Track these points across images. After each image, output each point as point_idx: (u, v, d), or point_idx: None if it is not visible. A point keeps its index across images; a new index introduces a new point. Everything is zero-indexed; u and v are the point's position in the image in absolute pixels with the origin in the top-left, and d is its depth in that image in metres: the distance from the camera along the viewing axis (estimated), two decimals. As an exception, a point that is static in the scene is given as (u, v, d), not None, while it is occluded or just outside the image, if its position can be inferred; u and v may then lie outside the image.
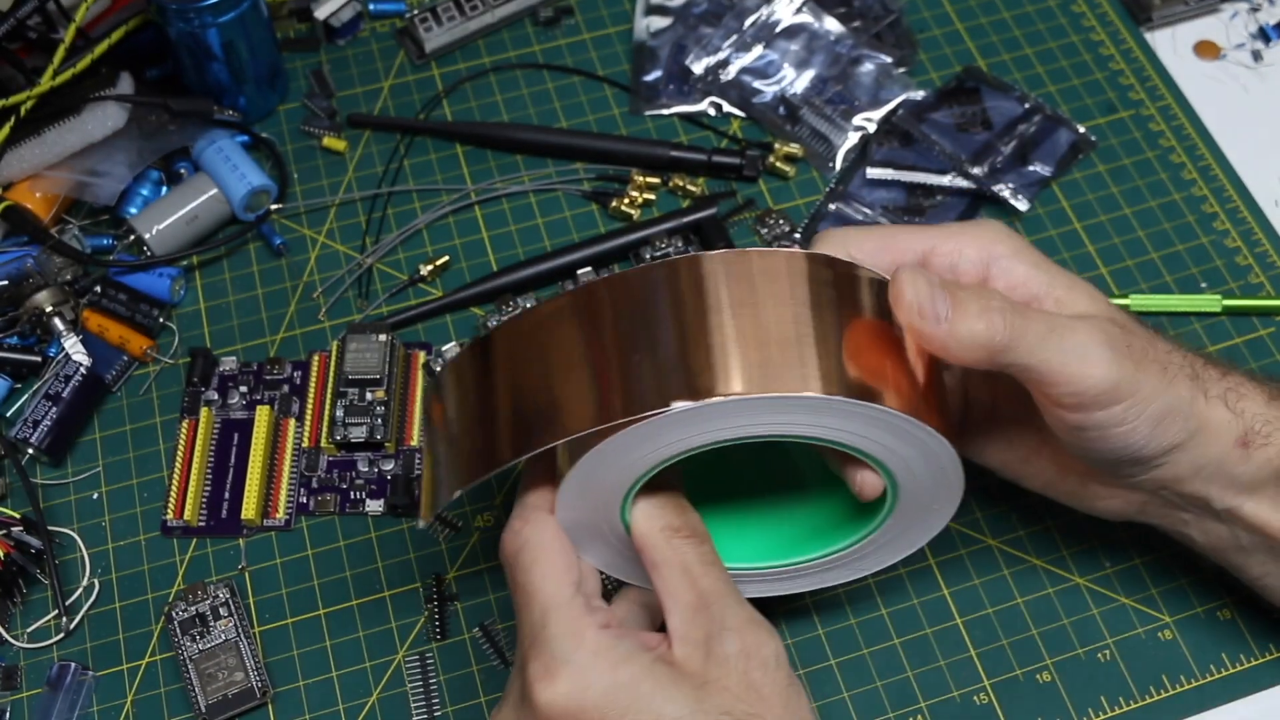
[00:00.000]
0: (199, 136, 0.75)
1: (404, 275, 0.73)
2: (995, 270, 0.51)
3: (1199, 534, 0.55)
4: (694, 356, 0.45)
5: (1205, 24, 0.83)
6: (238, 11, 0.72)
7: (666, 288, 0.46)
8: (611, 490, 0.49)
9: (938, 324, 0.46)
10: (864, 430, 0.47)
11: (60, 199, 0.73)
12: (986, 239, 0.52)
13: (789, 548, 0.56)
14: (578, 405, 0.46)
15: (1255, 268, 0.73)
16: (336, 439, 0.66)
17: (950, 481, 0.50)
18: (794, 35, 0.80)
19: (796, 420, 0.46)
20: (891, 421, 0.46)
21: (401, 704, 0.60)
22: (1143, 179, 0.76)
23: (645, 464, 0.48)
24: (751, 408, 0.45)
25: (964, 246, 0.51)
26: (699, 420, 0.45)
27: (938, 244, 0.51)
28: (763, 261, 0.47)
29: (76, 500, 0.66)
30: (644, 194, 0.75)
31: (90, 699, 0.61)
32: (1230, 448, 0.51)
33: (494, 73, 0.81)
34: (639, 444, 0.46)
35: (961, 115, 0.77)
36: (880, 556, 0.56)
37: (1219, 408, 0.51)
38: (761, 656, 0.47)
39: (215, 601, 0.62)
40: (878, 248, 0.50)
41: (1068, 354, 0.47)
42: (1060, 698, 0.60)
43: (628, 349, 0.46)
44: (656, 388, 0.45)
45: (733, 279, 0.46)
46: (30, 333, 0.70)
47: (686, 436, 0.46)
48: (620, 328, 0.46)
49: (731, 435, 0.46)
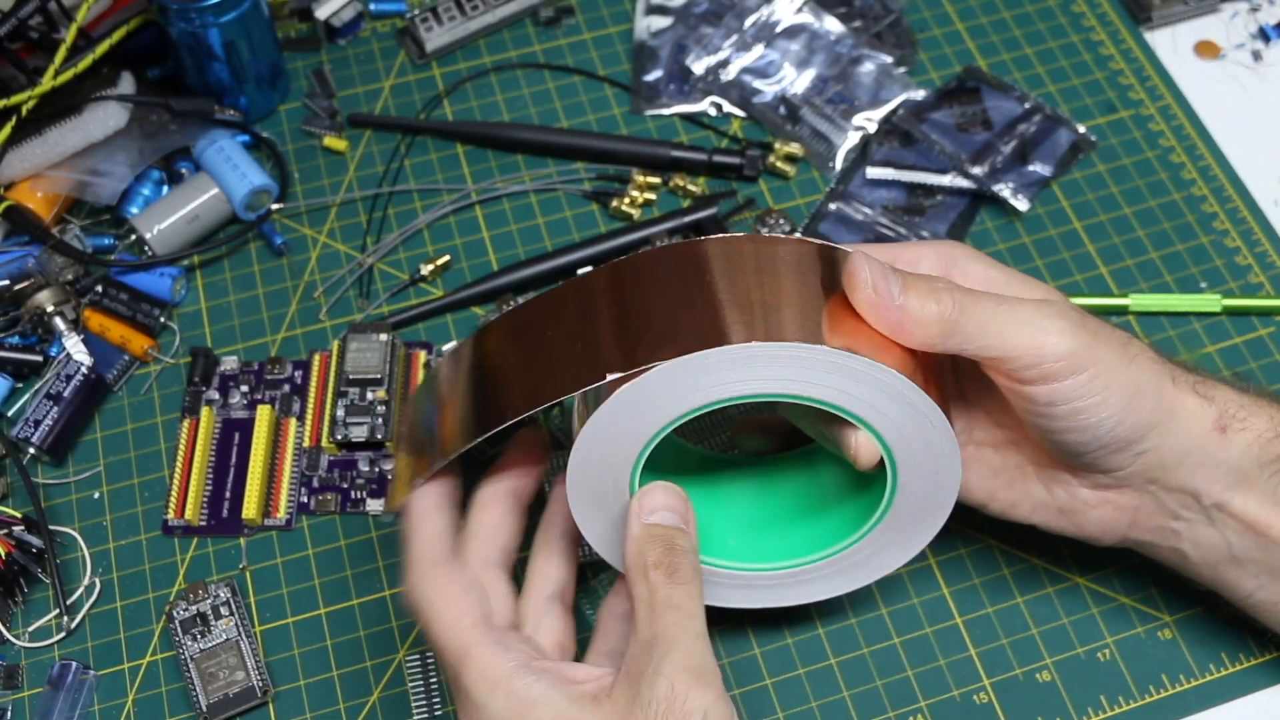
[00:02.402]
0: (200, 136, 0.75)
1: (405, 275, 0.73)
2: (953, 270, 0.53)
3: (1191, 546, 0.54)
4: (714, 312, 0.47)
5: (1205, 24, 0.83)
6: (239, 11, 0.72)
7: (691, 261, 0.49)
8: (624, 452, 0.50)
9: (890, 301, 0.48)
10: (867, 392, 0.48)
11: (61, 199, 0.74)
12: (944, 247, 0.54)
13: (798, 548, 0.56)
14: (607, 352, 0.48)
15: (1255, 267, 0.73)
16: (337, 438, 0.66)
17: (947, 469, 0.51)
18: (794, 35, 0.80)
19: (804, 376, 0.47)
20: (893, 383, 0.48)
21: (402, 703, 0.60)
22: (1143, 179, 0.76)
23: (662, 417, 0.48)
24: (765, 357, 0.46)
25: (922, 255, 0.54)
26: (714, 370, 0.47)
27: (898, 255, 0.54)
28: (781, 246, 0.50)
29: (78, 499, 0.66)
30: (645, 194, 0.75)
31: (91, 698, 0.61)
32: (1207, 432, 0.51)
33: (495, 72, 0.81)
34: (659, 390, 0.47)
35: (962, 115, 0.77)
36: (884, 558, 0.56)
37: (1189, 395, 0.52)
38: (687, 709, 0.46)
39: (216, 601, 0.62)
40: None
41: (1020, 325, 0.48)
42: (1060, 697, 0.60)
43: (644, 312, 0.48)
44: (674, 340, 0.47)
45: (747, 257, 0.49)
46: (31, 332, 0.70)
47: (702, 388, 0.47)
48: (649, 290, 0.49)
49: (743, 390, 0.47)
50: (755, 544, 0.56)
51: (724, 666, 0.61)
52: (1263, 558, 0.53)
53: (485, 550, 0.53)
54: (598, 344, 0.48)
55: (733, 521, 0.57)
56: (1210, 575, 0.56)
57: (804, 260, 0.49)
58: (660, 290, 0.49)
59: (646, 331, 0.48)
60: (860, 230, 0.74)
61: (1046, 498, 0.55)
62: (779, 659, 0.61)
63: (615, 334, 0.48)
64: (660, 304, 0.48)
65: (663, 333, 0.47)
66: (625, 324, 0.48)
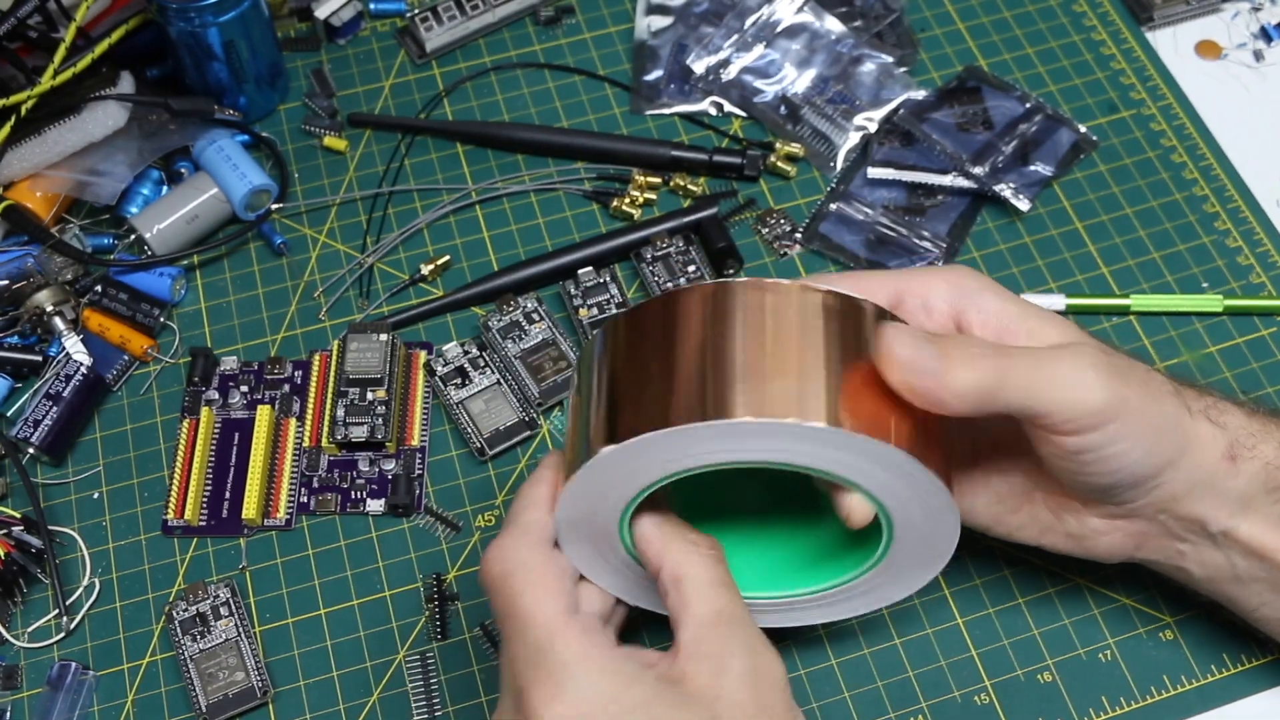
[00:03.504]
0: (199, 136, 0.75)
1: (405, 275, 0.73)
2: (966, 304, 0.51)
3: (1196, 566, 0.55)
4: (703, 382, 0.46)
5: (1206, 23, 0.83)
6: (238, 11, 0.72)
7: (684, 316, 0.48)
8: (613, 500, 0.49)
9: (930, 378, 0.46)
10: (862, 464, 0.47)
11: (61, 198, 0.73)
12: (954, 277, 0.52)
13: (785, 580, 0.55)
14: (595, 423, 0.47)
15: (1256, 267, 0.73)
16: (337, 438, 0.66)
17: (945, 528, 0.50)
18: (795, 35, 0.80)
19: (796, 449, 0.46)
20: (890, 457, 0.46)
21: (402, 704, 0.60)
22: (1144, 179, 0.76)
23: (650, 476, 0.48)
24: (756, 432, 0.45)
25: (933, 286, 0.52)
26: (704, 439, 0.45)
27: (908, 286, 0.52)
28: (776, 295, 0.48)
29: (77, 500, 0.66)
30: (645, 193, 0.75)
31: (91, 698, 0.61)
32: (1218, 461, 0.51)
33: (495, 72, 0.81)
34: (647, 454, 0.46)
35: (963, 115, 0.77)
36: (878, 595, 0.55)
37: (1203, 423, 0.51)
38: (772, 677, 0.47)
39: (216, 601, 0.62)
40: (850, 286, 0.50)
41: (1058, 383, 0.47)
42: (1061, 698, 0.60)
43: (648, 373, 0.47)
44: (664, 407, 0.45)
45: (748, 310, 0.47)
46: (31, 332, 0.70)
47: (691, 454, 0.46)
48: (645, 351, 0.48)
49: (734, 458, 0.46)
50: (746, 574, 0.55)
51: (724, 667, 0.61)
52: (1267, 578, 0.54)
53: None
54: (591, 414, 0.48)
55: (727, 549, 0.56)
56: (1214, 591, 0.56)
57: (808, 315, 0.47)
58: (648, 352, 0.47)
59: (631, 401, 0.47)
60: (861, 230, 0.74)
61: (1054, 523, 0.54)
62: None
63: (607, 403, 0.48)
64: (644, 370, 0.47)
65: (648, 403, 0.46)
66: (615, 390, 0.48)
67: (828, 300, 0.48)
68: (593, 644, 0.47)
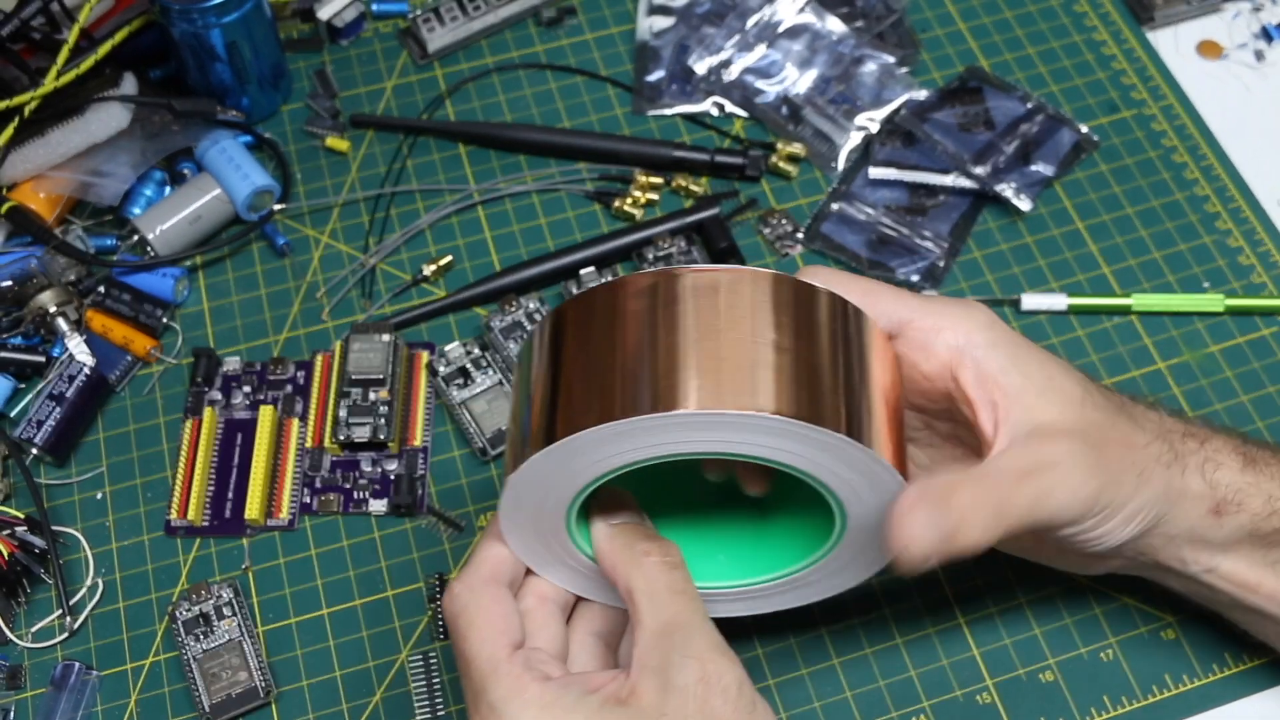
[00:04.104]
0: (202, 137, 0.75)
1: (407, 275, 0.73)
2: (967, 360, 0.50)
3: (1179, 586, 0.56)
4: (647, 373, 0.45)
5: (1207, 23, 0.83)
6: (241, 12, 0.72)
7: (627, 307, 0.47)
8: (554, 503, 0.49)
9: (944, 551, 0.47)
10: (811, 452, 0.46)
11: (64, 199, 0.74)
12: (967, 326, 0.51)
13: (742, 568, 0.55)
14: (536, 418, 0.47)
15: (1258, 267, 0.73)
16: (340, 439, 0.66)
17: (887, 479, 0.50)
18: (796, 35, 0.80)
19: (742, 439, 0.45)
20: (838, 446, 0.46)
21: (405, 704, 0.60)
22: (1145, 178, 0.76)
23: (591, 474, 0.48)
24: (701, 424, 0.45)
25: (942, 328, 0.51)
26: (644, 434, 0.45)
27: (917, 318, 0.51)
28: (730, 282, 0.47)
29: (80, 500, 0.67)
30: (647, 194, 0.75)
31: (94, 698, 0.61)
32: (1203, 516, 0.52)
33: (497, 73, 0.81)
34: (586, 452, 0.46)
35: (964, 115, 0.77)
36: (838, 579, 0.55)
37: (1195, 480, 0.52)
38: (723, 684, 0.46)
39: (219, 601, 0.62)
40: (857, 297, 0.50)
41: (1052, 513, 0.49)
42: (1063, 697, 0.60)
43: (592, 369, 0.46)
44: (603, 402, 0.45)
45: (700, 298, 0.46)
46: (34, 333, 0.70)
47: (631, 449, 0.46)
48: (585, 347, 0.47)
49: (679, 450, 0.46)
50: (703, 564, 0.55)
51: (727, 667, 0.61)
52: (1253, 606, 0.55)
53: (545, 585, 0.53)
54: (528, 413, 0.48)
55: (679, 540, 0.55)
56: (1206, 608, 0.58)
57: (759, 301, 0.46)
58: (588, 344, 0.47)
59: (569, 396, 0.46)
60: (863, 230, 0.74)
61: (1036, 547, 0.56)
62: (782, 659, 0.61)
63: (546, 399, 0.47)
64: (583, 362, 0.46)
65: (586, 398, 0.45)
66: (553, 386, 0.47)
67: (780, 286, 0.47)
68: (530, 680, 0.47)
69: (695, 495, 0.57)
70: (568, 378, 0.47)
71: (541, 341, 0.49)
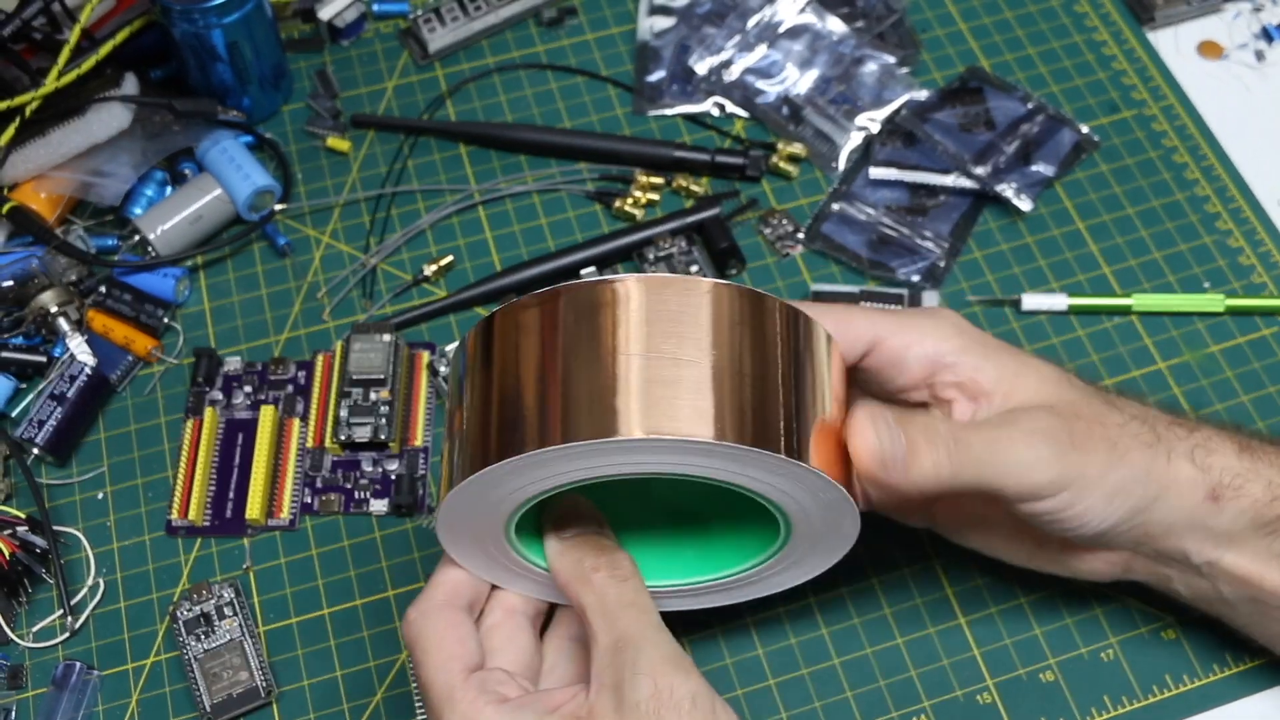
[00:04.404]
0: (203, 137, 0.75)
1: (408, 275, 0.73)
2: (942, 366, 0.52)
3: (1183, 588, 0.56)
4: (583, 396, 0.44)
5: (1208, 24, 0.83)
6: (242, 12, 0.72)
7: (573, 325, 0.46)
8: (490, 527, 0.49)
9: (896, 471, 0.48)
10: (753, 472, 0.46)
11: (65, 199, 0.74)
12: (937, 335, 0.52)
13: (689, 568, 0.55)
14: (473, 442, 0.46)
15: (1258, 267, 0.73)
16: (341, 439, 0.66)
17: (845, 524, 0.50)
18: (797, 35, 0.80)
19: (681, 461, 0.45)
20: (781, 467, 0.46)
21: (405, 704, 0.60)
22: (1145, 179, 0.76)
23: (518, 498, 0.48)
24: (637, 448, 0.44)
25: (913, 342, 0.52)
26: (581, 457, 0.45)
27: (889, 335, 0.52)
28: (679, 296, 0.46)
29: (81, 500, 0.67)
30: (647, 194, 0.75)
31: (95, 698, 0.61)
32: (1200, 502, 0.51)
33: (498, 73, 0.81)
34: (507, 481, 0.46)
35: (964, 115, 0.77)
36: (789, 575, 0.55)
37: (1184, 466, 0.51)
38: (676, 699, 0.46)
39: (220, 601, 0.62)
40: (829, 323, 0.50)
41: (1010, 467, 0.49)
42: (1063, 697, 0.60)
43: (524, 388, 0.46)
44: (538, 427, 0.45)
45: (644, 312, 0.45)
46: (35, 333, 0.70)
47: (566, 471, 0.46)
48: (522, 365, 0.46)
49: (615, 472, 0.46)
50: (651, 564, 0.54)
51: (727, 667, 0.61)
52: (1254, 602, 0.54)
53: (512, 599, 0.54)
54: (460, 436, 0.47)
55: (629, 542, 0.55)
56: (1203, 610, 0.57)
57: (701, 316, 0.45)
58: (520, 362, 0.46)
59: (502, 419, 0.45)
60: (863, 230, 0.74)
61: (1038, 551, 0.56)
62: (782, 659, 0.61)
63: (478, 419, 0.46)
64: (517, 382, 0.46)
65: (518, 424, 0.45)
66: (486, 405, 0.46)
67: (727, 297, 0.46)
68: (485, 703, 0.48)
69: (642, 500, 0.57)
70: (496, 402, 0.46)
71: (470, 359, 0.48)
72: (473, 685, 0.49)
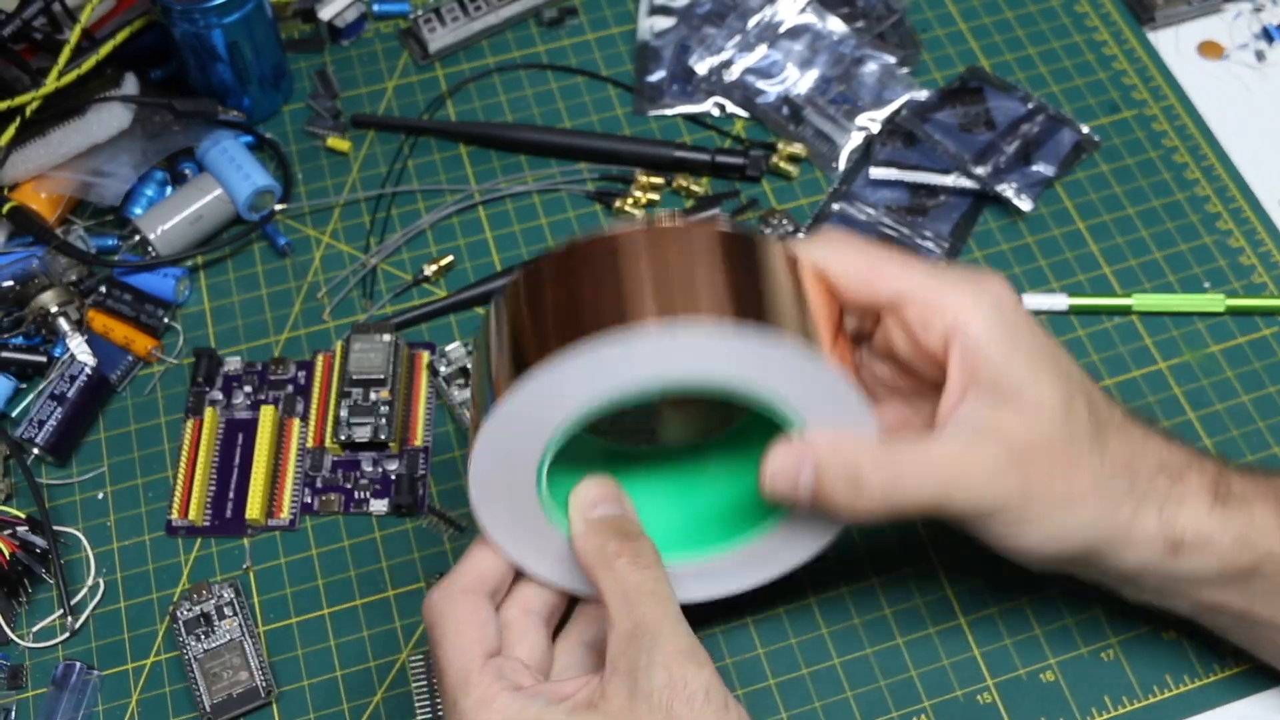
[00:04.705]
0: (203, 137, 0.75)
1: (408, 275, 0.73)
2: (956, 343, 0.49)
3: (1133, 597, 0.55)
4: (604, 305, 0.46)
5: (1208, 24, 0.83)
6: (242, 12, 0.72)
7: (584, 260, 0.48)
8: (523, 468, 0.49)
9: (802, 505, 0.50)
10: (768, 368, 0.47)
11: (65, 199, 0.74)
12: (967, 306, 0.49)
13: (705, 536, 0.55)
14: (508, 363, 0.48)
15: (1259, 267, 0.73)
16: (341, 439, 0.66)
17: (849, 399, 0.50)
18: (797, 35, 0.80)
19: (701, 362, 0.46)
20: (794, 360, 0.47)
21: (406, 704, 0.60)
22: (1146, 179, 0.76)
23: (551, 424, 0.48)
24: (663, 345, 0.45)
25: (935, 314, 0.49)
26: (607, 363, 0.46)
27: (915, 296, 0.50)
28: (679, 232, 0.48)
29: (81, 500, 0.67)
30: (648, 194, 0.75)
31: (95, 698, 0.61)
32: (1159, 553, 0.51)
33: (498, 73, 0.81)
34: (551, 392, 0.46)
35: (965, 115, 0.77)
36: (801, 545, 0.55)
37: (1150, 519, 0.50)
38: (689, 691, 0.46)
39: (220, 601, 0.62)
40: (862, 267, 0.50)
41: (952, 507, 0.49)
42: (1064, 697, 0.60)
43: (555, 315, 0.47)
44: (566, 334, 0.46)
45: (652, 246, 0.48)
46: (35, 333, 0.70)
47: (596, 384, 0.46)
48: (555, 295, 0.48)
49: (639, 382, 0.46)
50: (665, 537, 0.54)
51: (727, 667, 0.61)
52: (1216, 615, 0.54)
53: (530, 597, 0.54)
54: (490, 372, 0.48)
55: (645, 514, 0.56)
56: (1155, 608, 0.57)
57: (711, 245, 0.48)
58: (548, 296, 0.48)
59: (529, 341, 0.47)
60: (864, 230, 0.74)
61: None
62: (782, 659, 0.61)
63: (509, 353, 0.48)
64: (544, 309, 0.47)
65: (545, 337, 0.46)
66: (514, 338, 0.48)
67: (728, 234, 0.49)
68: (500, 688, 0.48)
69: (659, 473, 0.57)
70: (521, 333, 0.48)
71: (497, 317, 0.50)
72: (490, 670, 0.49)
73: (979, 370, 0.49)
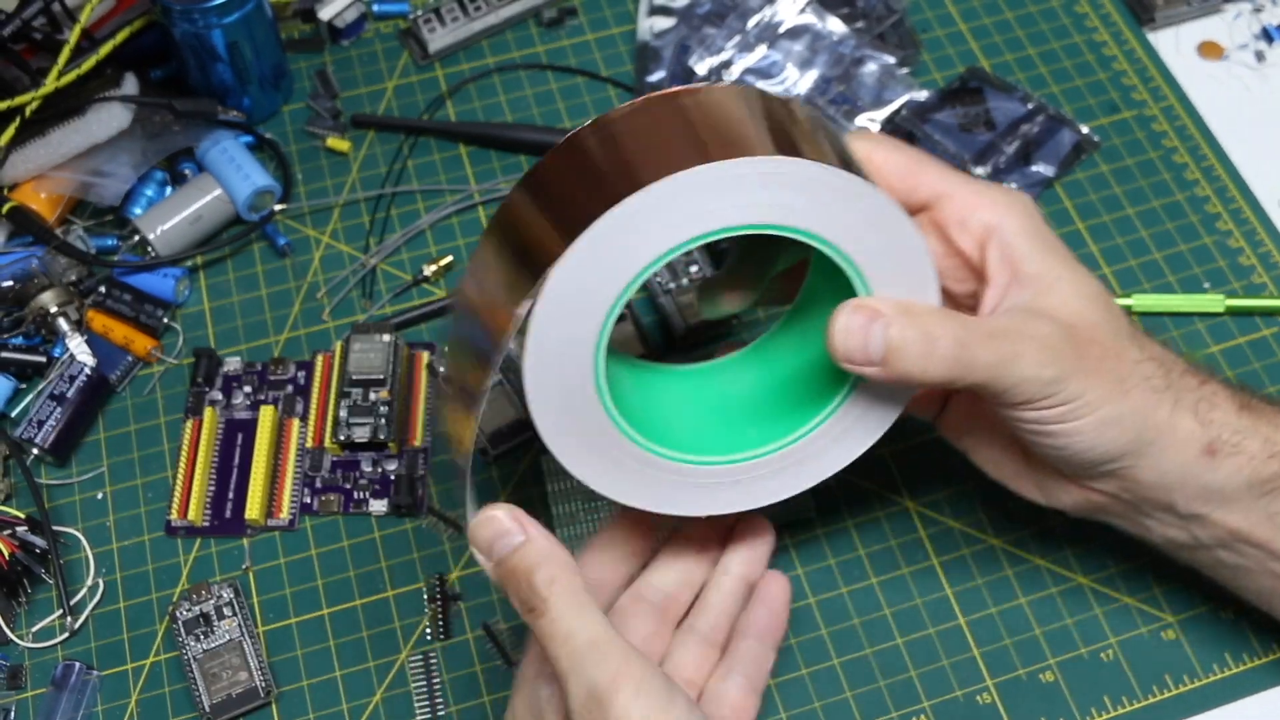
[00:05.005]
0: (203, 137, 0.75)
1: (408, 275, 0.73)
2: (996, 240, 0.52)
3: (1159, 538, 0.55)
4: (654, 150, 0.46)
5: (1208, 24, 0.83)
6: (242, 12, 0.72)
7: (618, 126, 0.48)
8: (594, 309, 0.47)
9: (870, 368, 0.48)
10: (842, 218, 0.47)
11: (65, 199, 0.74)
12: (1002, 208, 0.52)
13: (762, 437, 0.54)
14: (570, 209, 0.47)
15: (1258, 268, 0.73)
16: (340, 439, 0.66)
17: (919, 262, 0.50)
18: (797, 36, 0.80)
19: (751, 199, 0.46)
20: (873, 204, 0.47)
21: (405, 704, 0.60)
22: (1146, 179, 0.76)
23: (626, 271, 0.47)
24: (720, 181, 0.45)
25: (980, 205, 0.52)
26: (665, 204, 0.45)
27: (955, 193, 0.52)
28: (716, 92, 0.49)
29: (81, 500, 0.67)
30: (647, 194, 0.75)
31: (95, 698, 0.61)
32: (1196, 456, 0.51)
33: (498, 73, 0.81)
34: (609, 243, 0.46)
35: (964, 115, 0.77)
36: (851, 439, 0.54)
37: (1186, 418, 0.51)
38: None
39: (219, 601, 0.62)
40: (903, 165, 0.52)
41: (1013, 375, 0.49)
42: (1063, 697, 0.60)
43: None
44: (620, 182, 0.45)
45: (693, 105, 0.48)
46: (35, 333, 0.70)
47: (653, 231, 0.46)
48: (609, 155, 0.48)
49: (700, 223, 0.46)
50: (717, 436, 0.54)
51: (727, 667, 0.61)
52: (1239, 554, 0.54)
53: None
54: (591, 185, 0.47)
55: (692, 418, 0.55)
56: (1175, 556, 0.56)
57: (748, 100, 0.49)
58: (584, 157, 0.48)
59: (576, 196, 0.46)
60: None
61: (1024, 470, 0.55)
62: (782, 659, 0.61)
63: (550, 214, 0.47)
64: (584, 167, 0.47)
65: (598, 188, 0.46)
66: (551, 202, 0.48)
67: (765, 95, 0.49)
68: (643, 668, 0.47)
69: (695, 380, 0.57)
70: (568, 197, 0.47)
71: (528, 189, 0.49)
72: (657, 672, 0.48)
73: (1020, 263, 0.51)
